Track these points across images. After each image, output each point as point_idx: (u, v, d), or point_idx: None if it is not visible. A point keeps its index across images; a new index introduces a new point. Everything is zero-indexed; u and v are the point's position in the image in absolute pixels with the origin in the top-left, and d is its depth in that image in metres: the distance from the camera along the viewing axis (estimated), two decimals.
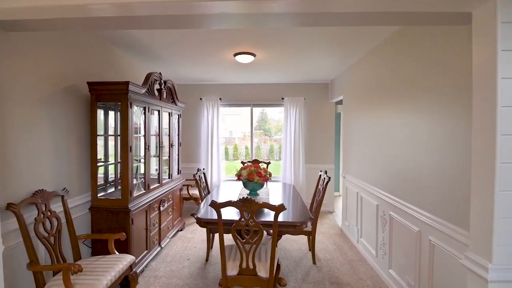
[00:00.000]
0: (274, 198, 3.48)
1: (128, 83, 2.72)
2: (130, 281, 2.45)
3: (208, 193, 4.07)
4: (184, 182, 4.68)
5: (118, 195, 2.94)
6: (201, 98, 5.65)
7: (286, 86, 5.61)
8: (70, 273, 1.88)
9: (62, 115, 2.60)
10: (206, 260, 3.39)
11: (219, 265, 2.85)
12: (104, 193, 3.17)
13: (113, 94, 2.80)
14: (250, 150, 6.08)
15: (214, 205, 2.13)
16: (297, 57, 3.82)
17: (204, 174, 4.04)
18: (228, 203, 2.12)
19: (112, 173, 3.50)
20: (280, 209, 2.11)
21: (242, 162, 4.97)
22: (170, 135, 4.13)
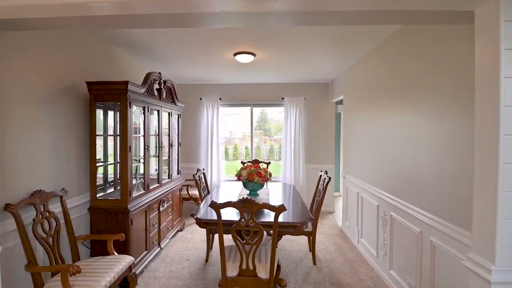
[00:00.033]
0: (274, 198, 3.46)
1: (127, 83, 2.71)
2: (129, 282, 2.43)
3: (208, 193, 4.05)
4: (183, 182, 4.67)
5: (118, 196, 2.92)
6: (201, 98, 5.64)
7: (286, 86, 5.59)
8: (68, 274, 1.87)
9: (61, 115, 2.58)
10: (206, 260, 3.37)
11: (219, 265, 2.84)
12: (103, 193, 3.15)
13: (112, 94, 2.78)
14: (250, 150, 6.06)
15: (213, 205, 2.11)
16: (297, 57, 3.81)
17: (204, 174, 4.02)
18: (228, 204, 2.11)
19: (111, 173, 3.48)
20: (280, 209, 2.09)
21: (242, 162, 4.95)
22: (169, 135, 4.12)
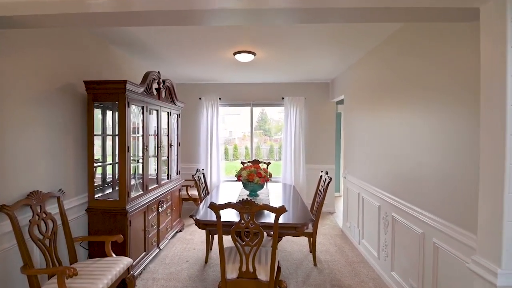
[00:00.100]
0: (274, 199, 3.43)
1: (125, 82, 2.67)
2: (127, 284, 2.40)
3: (207, 193, 4.02)
4: (183, 183, 4.63)
5: (116, 196, 2.88)
6: (200, 98, 5.60)
7: (286, 85, 5.56)
8: (65, 277, 1.83)
9: (58, 115, 2.54)
10: (206, 262, 3.34)
11: (219, 267, 2.80)
12: (101, 194, 3.12)
13: (110, 93, 2.74)
14: (250, 150, 6.03)
15: (213, 207, 2.08)
16: (297, 56, 3.78)
17: (203, 174, 3.99)
18: (227, 205, 2.07)
19: (110, 173, 3.45)
20: (281, 211, 2.06)
21: (242, 162, 4.92)
22: (169, 135, 4.08)
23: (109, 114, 3.32)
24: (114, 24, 1.97)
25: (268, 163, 5.09)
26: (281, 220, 2.34)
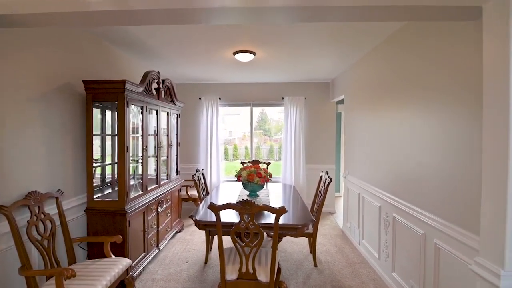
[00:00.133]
0: (275, 199, 3.41)
1: (124, 82, 2.65)
2: (126, 285, 2.38)
3: (207, 194, 4.00)
4: (183, 183, 4.61)
5: (115, 197, 2.86)
6: (200, 98, 5.58)
7: (287, 85, 5.54)
8: (63, 278, 1.81)
9: (57, 115, 2.53)
10: (205, 262, 3.32)
11: (219, 267, 2.78)
12: (100, 194, 3.10)
13: (109, 93, 2.73)
14: (249, 150, 6.01)
15: (212, 207, 2.06)
16: (297, 55, 3.76)
17: (203, 175, 3.97)
18: (227, 206, 2.05)
19: (109, 173, 3.43)
20: (281, 211, 2.04)
21: (242, 162, 4.90)
22: (168, 135, 4.07)
23: (108, 114, 3.30)
24: (113, 23, 1.96)
25: (268, 163, 5.07)
26: (281, 220, 2.33)
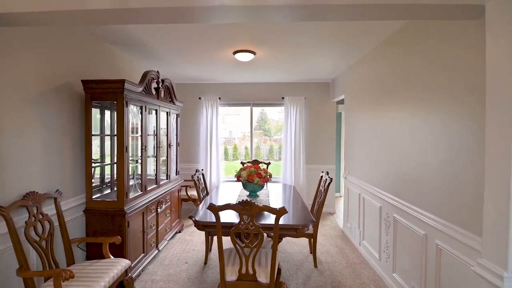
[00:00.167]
0: (275, 199, 3.39)
1: (123, 81, 2.64)
2: (125, 286, 2.36)
3: (207, 194, 3.99)
4: (182, 183, 4.59)
5: (114, 197, 2.84)
6: (200, 98, 5.57)
7: (287, 85, 5.52)
8: (61, 279, 1.80)
9: (55, 115, 2.51)
10: (205, 263, 3.30)
11: (218, 268, 2.77)
12: (100, 194, 3.08)
13: (108, 93, 2.71)
14: (249, 150, 6.00)
15: (212, 208, 2.04)
16: (297, 54, 3.74)
17: (202, 175, 3.95)
18: (227, 206, 2.03)
19: (108, 174, 3.41)
20: (281, 212, 2.02)
21: (241, 162, 4.89)
22: (168, 135, 4.05)
23: (107, 113, 3.28)
24: (112, 21, 1.94)
25: (268, 163, 5.05)
26: (281, 221, 2.31)
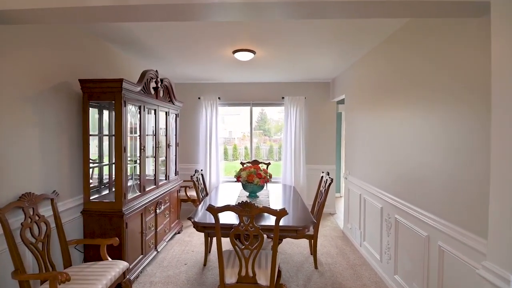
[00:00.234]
0: (275, 200, 3.36)
1: (122, 81, 2.60)
2: None
3: (206, 195, 3.95)
4: (181, 184, 4.56)
5: (112, 198, 2.81)
6: (199, 97, 5.53)
7: (287, 85, 5.49)
8: (57, 282, 1.76)
9: (52, 114, 2.47)
10: (204, 264, 3.27)
11: (218, 270, 2.74)
12: (98, 195, 3.05)
13: (106, 92, 2.67)
14: (249, 150, 5.96)
15: (211, 209, 2.01)
16: (297, 53, 3.70)
17: (202, 175, 3.92)
18: (226, 208, 2.00)
19: (106, 174, 3.37)
20: (281, 214, 1.99)
21: (241, 163, 4.85)
22: (167, 135, 4.01)
23: (106, 113, 3.25)
24: (111, 19, 1.91)
25: (268, 164, 5.02)
26: (281, 222, 2.28)
